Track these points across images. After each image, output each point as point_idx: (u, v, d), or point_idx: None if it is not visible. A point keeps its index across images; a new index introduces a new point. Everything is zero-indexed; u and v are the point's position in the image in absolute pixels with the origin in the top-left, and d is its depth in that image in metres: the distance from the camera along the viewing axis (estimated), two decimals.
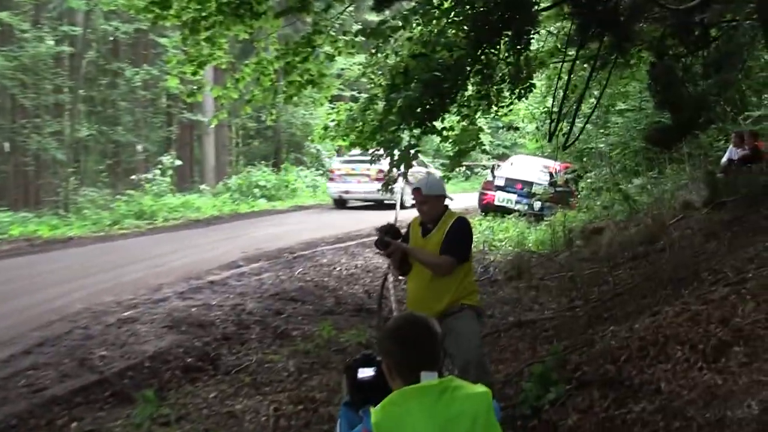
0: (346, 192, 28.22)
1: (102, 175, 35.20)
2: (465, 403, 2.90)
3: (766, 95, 17.58)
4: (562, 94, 12.16)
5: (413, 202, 6.86)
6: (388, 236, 6.50)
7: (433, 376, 2.92)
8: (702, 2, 10.01)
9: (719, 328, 6.63)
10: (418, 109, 10.37)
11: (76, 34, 32.59)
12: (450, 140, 12.72)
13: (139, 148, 36.60)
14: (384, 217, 20.55)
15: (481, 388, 2.98)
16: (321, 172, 38.09)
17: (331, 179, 29.35)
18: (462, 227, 6.56)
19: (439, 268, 6.40)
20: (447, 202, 6.65)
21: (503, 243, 17.96)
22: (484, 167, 36.21)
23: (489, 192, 23.70)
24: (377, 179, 23.02)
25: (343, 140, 13.59)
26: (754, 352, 6.06)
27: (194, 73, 12.88)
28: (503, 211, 22.48)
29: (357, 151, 14.84)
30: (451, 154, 13.18)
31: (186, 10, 11.72)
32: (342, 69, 29.94)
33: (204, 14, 11.59)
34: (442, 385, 2.91)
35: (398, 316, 3.20)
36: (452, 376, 3.03)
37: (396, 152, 11.15)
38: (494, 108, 12.77)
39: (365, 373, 3.59)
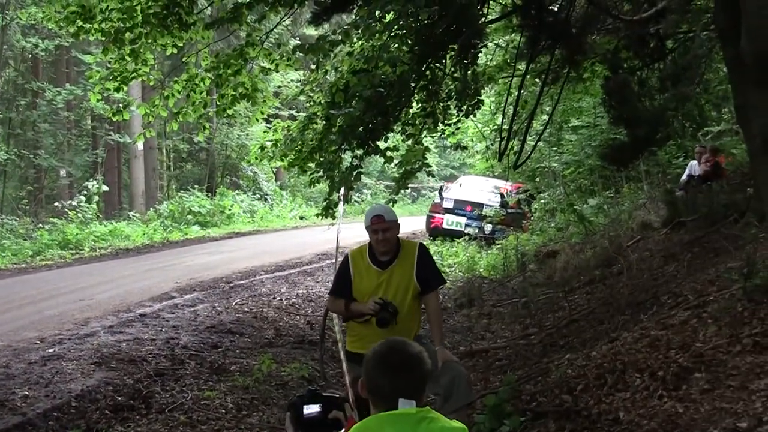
0: None
1: (22, 202, 34.67)
2: None
3: (725, 109, 17.82)
4: (512, 110, 12.23)
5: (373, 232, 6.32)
6: (391, 308, 6.14)
7: (411, 404, 2.94)
8: (657, 12, 10.14)
9: (680, 353, 6.71)
10: (360, 128, 10.38)
11: None
12: (394, 161, 12.75)
13: (63, 173, 36.01)
14: (323, 243, 20.53)
15: (457, 424, 3.01)
16: (258, 196, 37.93)
17: None
18: (429, 252, 6.67)
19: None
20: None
21: (453, 268, 18.03)
22: (432, 189, 36.48)
23: (437, 215, 23.80)
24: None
25: (281, 160, 13.56)
26: (716, 379, 6.13)
27: (118, 90, 12.77)
28: (452, 235, 22.59)
29: None
30: (397, 175, 13.21)
31: (109, 21, 11.63)
32: (279, 87, 29.91)
33: (129, 24, 11.50)
34: (419, 414, 2.94)
35: (390, 340, 3.16)
36: (429, 407, 3.05)
37: (336, 174, 11.17)
38: (441, 126, 12.86)
39: (311, 409, 3.59)
